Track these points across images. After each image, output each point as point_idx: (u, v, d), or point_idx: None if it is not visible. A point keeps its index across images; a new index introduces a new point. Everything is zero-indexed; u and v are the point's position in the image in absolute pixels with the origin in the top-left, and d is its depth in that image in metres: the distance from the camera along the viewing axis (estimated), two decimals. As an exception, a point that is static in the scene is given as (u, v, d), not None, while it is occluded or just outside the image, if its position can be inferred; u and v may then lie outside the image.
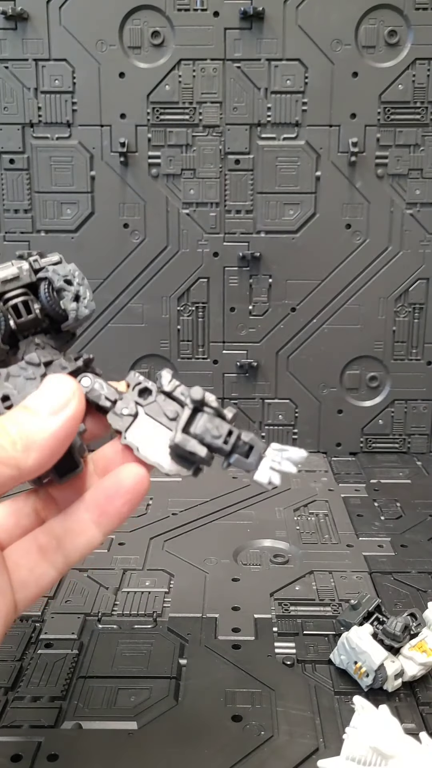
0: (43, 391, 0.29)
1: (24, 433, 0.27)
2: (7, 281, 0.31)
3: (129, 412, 0.31)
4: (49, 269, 0.32)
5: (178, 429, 0.30)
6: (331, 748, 0.38)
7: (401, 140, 0.72)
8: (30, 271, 0.32)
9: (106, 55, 0.70)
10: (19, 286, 0.31)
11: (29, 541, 0.31)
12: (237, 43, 0.70)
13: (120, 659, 0.45)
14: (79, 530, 0.31)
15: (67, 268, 0.32)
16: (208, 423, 0.30)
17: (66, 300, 0.32)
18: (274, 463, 0.30)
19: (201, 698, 0.41)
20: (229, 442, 0.30)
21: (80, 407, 0.28)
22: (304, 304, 0.76)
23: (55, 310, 0.32)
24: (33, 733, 0.39)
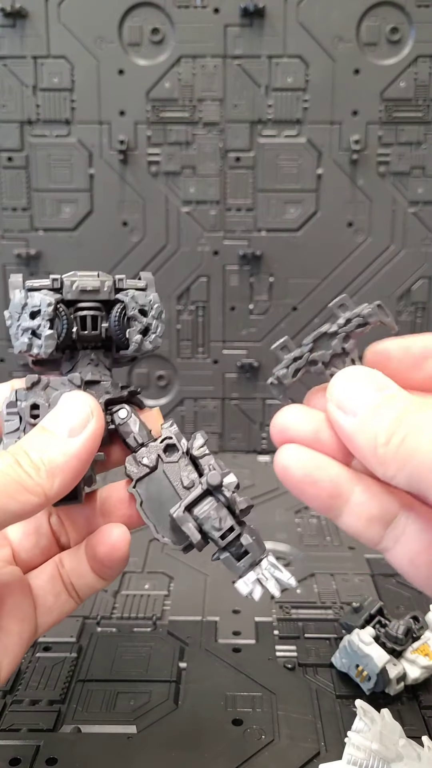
0: (61, 411, 0.28)
1: (46, 458, 0.26)
2: (86, 291, 0.30)
3: (148, 463, 0.30)
4: (129, 294, 0.31)
5: (182, 504, 0.29)
6: (333, 752, 0.37)
7: (403, 138, 0.71)
8: (111, 289, 0.31)
9: (105, 52, 0.70)
10: (95, 299, 0.30)
11: (53, 566, 0.31)
12: (237, 40, 0.69)
13: (119, 662, 0.44)
14: (81, 573, 0.31)
15: (147, 298, 0.31)
16: (213, 511, 0.29)
17: (133, 330, 0.31)
18: (262, 577, 0.30)
19: (201, 702, 0.41)
20: (225, 539, 0.29)
21: (99, 426, 0.28)
22: (305, 303, 0.75)
23: (119, 336, 0.31)
24: (32, 736, 0.39)
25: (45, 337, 0.29)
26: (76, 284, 0.30)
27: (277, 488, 0.67)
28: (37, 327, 0.30)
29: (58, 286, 0.30)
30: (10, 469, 0.26)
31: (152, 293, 0.32)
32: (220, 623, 0.48)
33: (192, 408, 0.77)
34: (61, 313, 0.30)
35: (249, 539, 0.29)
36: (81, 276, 0.31)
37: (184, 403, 0.77)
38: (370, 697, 0.41)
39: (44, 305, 0.29)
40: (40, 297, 0.30)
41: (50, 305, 0.29)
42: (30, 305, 0.30)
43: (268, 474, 0.72)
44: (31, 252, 0.73)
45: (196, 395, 0.77)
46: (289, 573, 0.30)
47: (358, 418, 0.25)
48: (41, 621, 0.31)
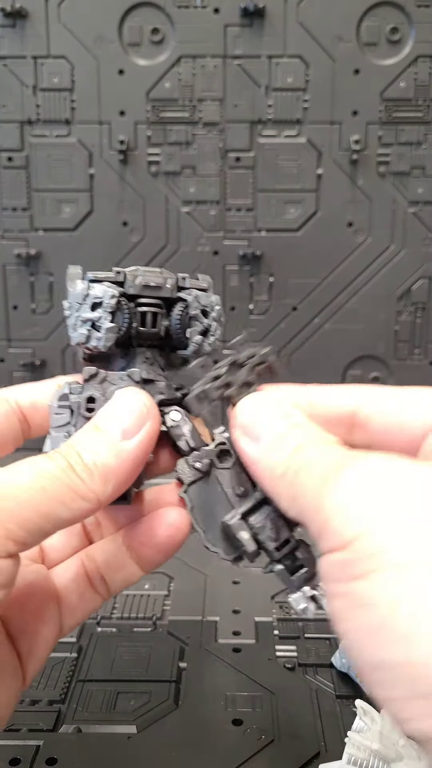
0: (116, 409, 0.26)
1: (99, 461, 0.25)
2: (148, 287, 0.30)
3: (201, 467, 0.29)
4: (192, 293, 0.30)
5: (238, 512, 0.28)
6: (333, 752, 0.37)
7: (403, 138, 0.71)
8: (174, 287, 0.30)
9: (105, 52, 0.70)
10: (157, 296, 0.30)
11: (79, 565, 0.30)
12: (237, 40, 0.69)
13: (119, 663, 0.44)
14: (118, 565, 0.30)
15: (210, 299, 0.31)
16: (270, 521, 0.28)
17: (194, 330, 0.30)
18: (317, 594, 0.28)
19: (201, 702, 0.41)
20: (281, 551, 0.28)
21: (155, 428, 0.26)
22: (305, 303, 0.75)
23: (179, 335, 0.30)
24: (32, 736, 0.39)
25: (105, 330, 0.28)
26: (139, 279, 0.29)
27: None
28: (98, 319, 0.29)
29: (121, 279, 0.30)
30: (62, 474, 0.24)
31: (213, 295, 0.31)
32: (220, 623, 0.48)
33: (192, 408, 0.77)
34: (123, 306, 0.29)
35: (306, 552, 0.28)
36: (144, 271, 0.30)
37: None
38: (369, 697, 0.41)
39: (107, 297, 0.29)
40: (103, 289, 0.29)
41: (113, 297, 0.29)
42: (92, 296, 0.29)
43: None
44: (31, 252, 0.73)
45: (196, 395, 0.77)
46: None
47: (261, 445, 0.25)
48: (65, 622, 0.30)
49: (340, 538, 0.20)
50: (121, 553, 0.30)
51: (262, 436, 0.25)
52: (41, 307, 0.75)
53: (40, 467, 0.24)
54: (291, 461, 0.23)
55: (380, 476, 0.21)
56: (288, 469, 0.23)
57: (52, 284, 0.75)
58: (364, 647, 0.20)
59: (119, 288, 0.29)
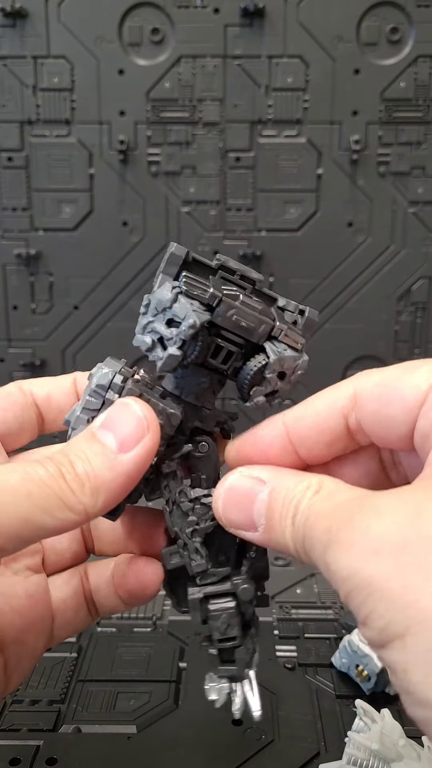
0: (113, 418, 0.25)
1: (92, 473, 0.24)
2: (241, 327, 0.26)
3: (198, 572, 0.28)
4: (279, 352, 0.27)
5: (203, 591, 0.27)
6: (333, 752, 0.37)
7: (403, 138, 0.71)
8: (264, 335, 0.27)
9: (105, 52, 0.70)
10: (243, 336, 0.27)
11: (77, 580, 0.31)
12: (237, 40, 0.69)
13: (119, 663, 0.44)
14: (106, 594, 0.30)
15: (296, 362, 0.27)
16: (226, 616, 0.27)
17: (259, 390, 0.27)
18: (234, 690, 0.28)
19: (201, 702, 0.41)
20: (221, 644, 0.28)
21: (153, 444, 0.25)
22: (305, 303, 0.75)
23: (243, 387, 0.27)
24: (32, 736, 0.39)
25: (168, 356, 0.26)
26: (233, 313, 0.26)
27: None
28: (168, 339, 0.26)
29: (213, 304, 0.26)
30: (51, 481, 0.23)
31: (303, 357, 0.28)
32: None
33: (192, 408, 0.77)
34: (199, 339, 0.26)
35: (242, 655, 0.28)
36: (242, 304, 0.26)
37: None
38: (370, 697, 0.41)
39: (186, 325, 0.25)
40: (188, 311, 0.25)
41: (192, 328, 0.25)
42: (173, 311, 0.25)
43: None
44: (31, 252, 0.73)
45: (196, 395, 0.77)
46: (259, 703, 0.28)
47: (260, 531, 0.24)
48: (57, 634, 0.30)
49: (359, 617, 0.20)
50: (110, 584, 0.30)
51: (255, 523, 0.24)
52: (41, 307, 0.75)
53: (30, 472, 0.23)
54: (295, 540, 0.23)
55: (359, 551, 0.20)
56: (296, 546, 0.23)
57: (52, 284, 0.74)
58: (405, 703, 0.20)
59: (206, 314, 0.26)
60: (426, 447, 0.23)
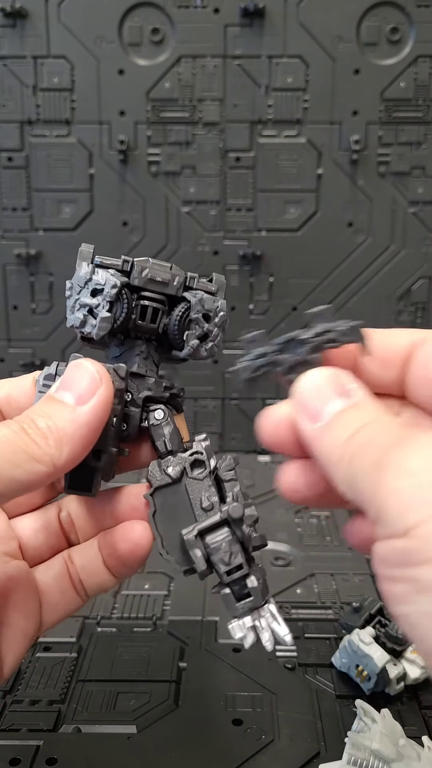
0: (68, 378, 0.27)
1: (54, 427, 0.25)
2: (154, 281, 0.29)
3: (172, 473, 0.29)
4: (198, 295, 0.29)
5: (196, 528, 0.28)
6: (333, 752, 0.37)
7: (403, 138, 0.71)
8: (181, 285, 0.30)
9: (105, 52, 0.70)
10: (161, 292, 0.29)
11: (61, 563, 0.31)
12: (237, 40, 0.69)
13: (119, 663, 0.44)
14: (93, 571, 0.30)
15: (215, 304, 0.30)
16: (226, 544, 0.28)
17: (191, 333, 0.29)
18: (258, 625, 0.28)
19: (201, 702, 0.41)
20: (230, 576, 0.28)
21: (108, 393, 0.27)
22: (305, 303, 0.75)
23: (175, 336, 0.30)
24: (31, 736, 0.39)
25: (101, 319, 0.28)
26: (147, 272, 0.29)
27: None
28: (96, 306, 0.28)
29: (127, 268, 0.29)
30: (15, 437, 0.24)
31: (220, 300, 0.30)
32: (220, 623, 0.48)
33: (192, 408, 0.77)
34: (123, 298, 0.28)
35: (254, 582, 0.28)
36: (153, 264, 0.29)
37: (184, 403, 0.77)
38: (370, 697, 0.41)
39: (108, 286, 0.28)
40: (106, 276, 0.28)
41: (114, 287, 0.28)
42: (94, 281, 0.28)
43: (268, 474, 0.72)
44: (31, 252, 0.73)
45: (196, 395, 0.77)
46: (287, 628, 0.28)
47: (319, 426, 0.24)
48: (46, 618, 0.30)
49: (400, 526, 0.20)
50: (97, 559, 0.30)
51: (320, 416, 0.24)
52: (41, 307, 0.75)
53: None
54: (348, 445, 0.23)
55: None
56: (344, 452, 0.23)
57: (52, 284, 0.75)
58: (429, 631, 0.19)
59: (124, 278, 0.29)
60: None
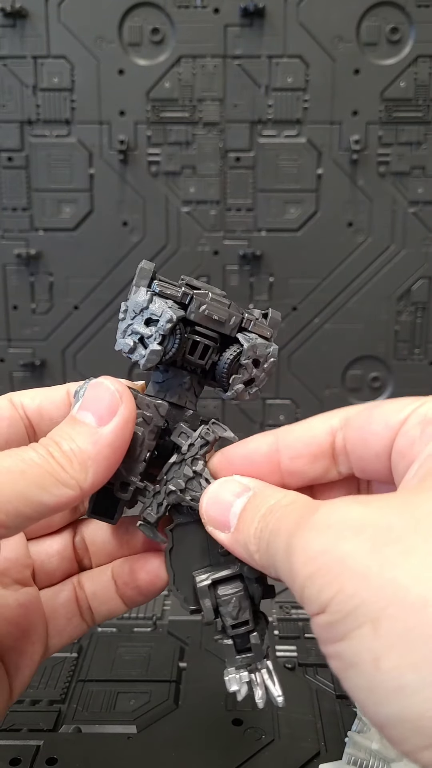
0: (89, 398, 0.27)
1: (77, 449, 0.25)
2: (210, 319, 0.28)
3: (195, 512, 0.28)
4: (250, 340, 0.29)
5: (211, 577, 0.28)
6: (333, 751, 0.37)
7: (403, 138, 0.71)
8: (236, 327, 0.29)
9: (105, 52, 0.70)
10: (215, 330, 0.29)
11: (70, 589, 0.31)
12: (237, 41, 0.69)
13: (119, 663, 0.44)
14: (104, 598, 0.31)
15: (267, 350, 0.29)
16: (236, 599, 0.28)
17: (238, 378, 0.29)
18: (254, 680, 0.28)
19: (201, 702, 0.41)
20: (235, 630, 0.28)
21: (129, 412, 0.26)
22: (305, 303, 0.75)
23: (222, 378, 0.29)
24: (32, 736, 0.39)
25: (150, 351, 0.28)
26: (204, 308, 0.28)
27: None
28: (148, 336, 0.28)
29: (186, 301, 0.28)
30: (43, 461, 0.24)
31: (273, 346, 0.30)
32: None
33: (192, 408, 0.77)
34: (177, 333, 0.28)
35: (257, 640, 0.28)
36: (212, 300, 0.29)
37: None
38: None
39: (164, 320, 0.27)
40: (164, 309, 0.28)
41: (170, 322, 0.27)
42: (150, 311, 0.28)
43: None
44: (31, 252, 0.73)
45: (196, 395, 0.77)
46: (281, 690, 0.29)
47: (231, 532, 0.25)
48: (51, 642, 0.30)
49: (317, 604, 0.20)
50: (109, 586, 0.30)
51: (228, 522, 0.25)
52: (41, 307, 0.75)
53: (20, 455, 0.24)
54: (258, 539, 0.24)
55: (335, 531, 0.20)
56: (258, 546, 0.23)
57: (52, 284, 0.75)
58: (366, 706, 0.19)
59: (180, 311, 0.28)
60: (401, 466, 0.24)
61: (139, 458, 0.28)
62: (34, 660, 0.29)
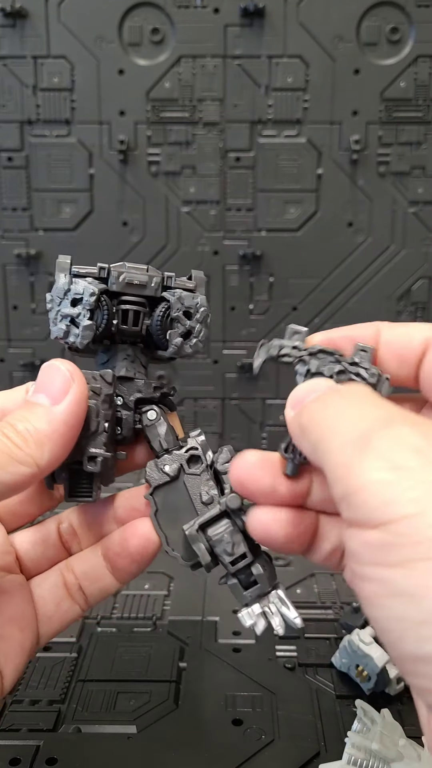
0: (41, 380, 0.27)
1: (32, 429, 0.26)
2: (132, 285, 0.30)
3: (169, 471, 0.29)
4: (176, 294, 0.30)
5: (197, 522, 0.28)
6: (333, 752, 0.37)
7: (403, 138, 0.71)
8: (159, 286, 0.30)
9: (105, 52, 0.70)
10: (140, 294, 0.30)
11: (56, 575, 0.31)
12: (237, 40, 0.69)
13: (119, 663, 0.44)
14: (95, 576, 0.30)
15: (194, 300, 0.30)
16: (227, 535, 0.28)
17: (174, 332, 0.30)
18: (268, 611, 0.28)
19: (201, 702, 0.41)
20: (236, 565, 0.28)
21: (81, 390, 0.27)
22: (305, 303, 0.75)
23: (159, 337, 0.30)
24: (32, 736, 0.39)
25: (83, 327, 0.29)
26: (123, 276, 0.30)
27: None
28: (77, 315, 0.29)
29: (104, 275, 0.30)
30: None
31: (200, 296, 0.31)
32: (220, 623, 0.48)
33: (192, 408, 0.77)
34: (103, 304, 0.29)
35: (260, 569, 0.28)
36: (129, 268, 0.30)
37: (184, 403, 0.77)
38: (370, 697, 0.41)
39: (87, 294, 0.29)
40: (84, 285, 0.29)
41: (93, 295, 0.29)
42: (73, 292, 0.29)
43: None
44: (31, 252, 0.73)
45: (196, 395, 0.77)
46: (296, 612, 0.28)
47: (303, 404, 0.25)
48: (42, 630, 0.30)
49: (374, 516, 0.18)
50: (99, 565, 0.30)
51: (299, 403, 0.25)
52: (41, 307, 0.75)
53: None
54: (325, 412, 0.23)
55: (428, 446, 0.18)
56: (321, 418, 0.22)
57: (52, 284, 0.74)
58: (404, 638, 0.18)
59: (102, 285, 0.29)
60: None
61: (99, 429, 0.28)
62: (24, 647, 0.29)
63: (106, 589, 0.31)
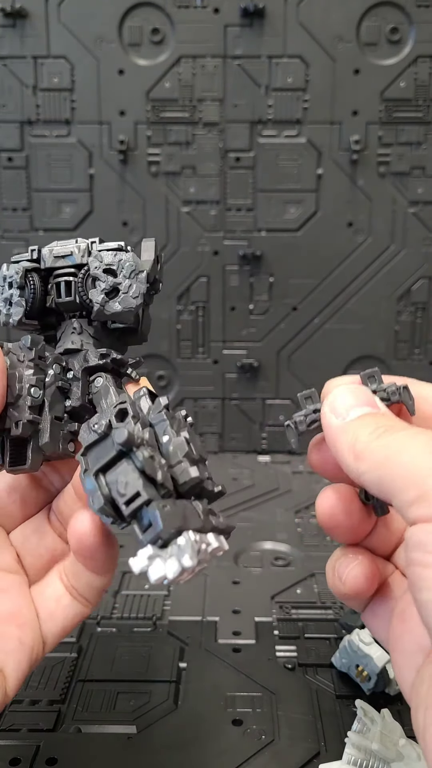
0: None
1: None
2: (59, 257, 0.30)
3: (98, 429, 0.26)
4: (95, 253, 0.30)
5: (92, 469, 0.25)
6: (333, 752, 0.37)
7: (403, 138, 0.71)
8: (84, 252, 0.30)
9: (105, 52, 0.70)
10: (69, 264, 0.30)
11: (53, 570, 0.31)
12: (237, 41, 0.69)
13: (119, 663, 0.44)
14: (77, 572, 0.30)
15: (117, 257, 0.30)
16: (122, 475, 0.24)
17: (95, 291, 0.29)
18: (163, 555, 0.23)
19: (201, 702, 0.41)
20: (130, 506, 0.24)
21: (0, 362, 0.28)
22: (305, 303, 0.75)
23: (81, 297, 0.30)
24: (31, 736, 0.39)
25: (14, 305, 0.30)
26: (51, 252, 0.31)
27: (277, 488, 0.67)
28: (11, 296, 0.30)
29: (35, 256, 0.31)
30: None
31: (125, 253, 0.30)
32: (220, 623, 0.48)
33: (192, 408, 0.77)
34: (30, 280, 0.30)
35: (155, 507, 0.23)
36: (57, 243, 0.31)
37: (184, 403, 0.77)
38: (370, 697, 0.41)
39: (14, 272, 0.30)
40: (14, 267, 0.30)
41: (18, 272, 0.30)
42: (7, 276, 0.31)
43: (268, 474, 0.72)
44: (31, 252, 0.73)
45: (196, 395, 0.77)
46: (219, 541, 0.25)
47: (346, 420, 0.27)
48: (46, 627, 0.30)
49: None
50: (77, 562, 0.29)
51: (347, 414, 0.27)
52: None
53: None
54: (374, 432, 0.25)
55: None
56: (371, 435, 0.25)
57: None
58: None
59: (32, 264, 0.30)
60: None
61: (23, 394, 0.28)
62: (25, 645, 0.29)
63: (91, 583, 0.30)
